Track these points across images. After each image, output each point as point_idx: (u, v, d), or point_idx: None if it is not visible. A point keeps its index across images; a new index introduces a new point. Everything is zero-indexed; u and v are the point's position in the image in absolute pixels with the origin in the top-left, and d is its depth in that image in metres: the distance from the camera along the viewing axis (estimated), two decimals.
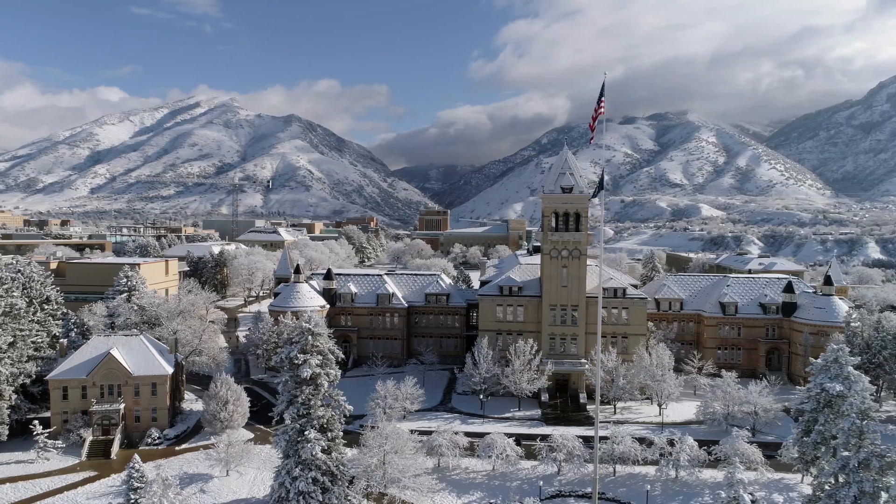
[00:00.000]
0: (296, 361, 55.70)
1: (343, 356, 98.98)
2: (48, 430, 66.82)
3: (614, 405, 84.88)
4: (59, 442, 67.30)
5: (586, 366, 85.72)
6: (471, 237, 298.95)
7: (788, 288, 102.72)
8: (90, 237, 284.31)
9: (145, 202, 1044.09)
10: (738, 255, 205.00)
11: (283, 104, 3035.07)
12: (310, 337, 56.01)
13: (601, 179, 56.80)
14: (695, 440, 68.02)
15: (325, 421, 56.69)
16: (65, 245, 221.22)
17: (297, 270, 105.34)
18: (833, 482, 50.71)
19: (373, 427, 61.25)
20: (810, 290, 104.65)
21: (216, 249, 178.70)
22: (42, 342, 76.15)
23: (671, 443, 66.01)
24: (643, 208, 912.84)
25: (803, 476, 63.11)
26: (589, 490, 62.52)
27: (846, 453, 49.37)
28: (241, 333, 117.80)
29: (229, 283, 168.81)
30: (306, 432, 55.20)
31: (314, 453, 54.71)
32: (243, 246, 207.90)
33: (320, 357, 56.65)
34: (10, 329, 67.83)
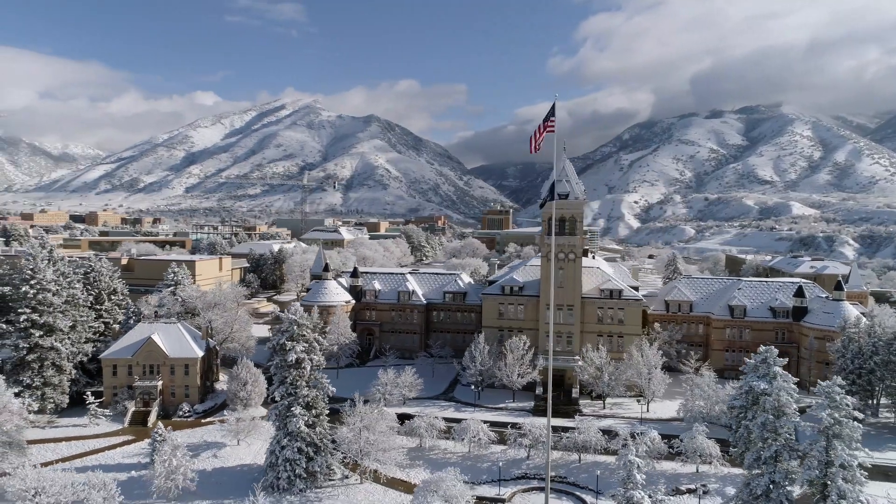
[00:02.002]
0: (285, 347, 65.36)
1: (359, 347, 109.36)
2: (99, 401, 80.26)
3: (604, 400, 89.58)
4: (108, 411, 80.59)
5: (579, 362, 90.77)
6: (526, 236, 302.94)
7: (799, 292, 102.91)
8: (175, 234, 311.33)
9: (234, 200, 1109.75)
10: (793, 257, 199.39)
11: (365, 105, 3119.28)
12: (296, 327, 65.38)
13: (551, 188, 62.28)
14: (672, 435, 72.50)
15: (310, 399, 65.99)
16: (150, 242, 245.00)
17: (326, 269, 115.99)
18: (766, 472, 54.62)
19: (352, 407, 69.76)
20: (824, 296, 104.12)
21: (276, 248, 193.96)
22: (99, 327, 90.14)
23: (633, 435, 70.69)
24: (728, 206, 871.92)
25: None
26: (552, 474, 68.41)
27: (761, 446, 53.31)
28: None
29: (285, 279, 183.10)
30: (293, 408, 64.71)
31: (299, 427, 64.12)
32: (303, 244, 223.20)
33: (306, 344, 65.95)
34: (71, 315, 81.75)
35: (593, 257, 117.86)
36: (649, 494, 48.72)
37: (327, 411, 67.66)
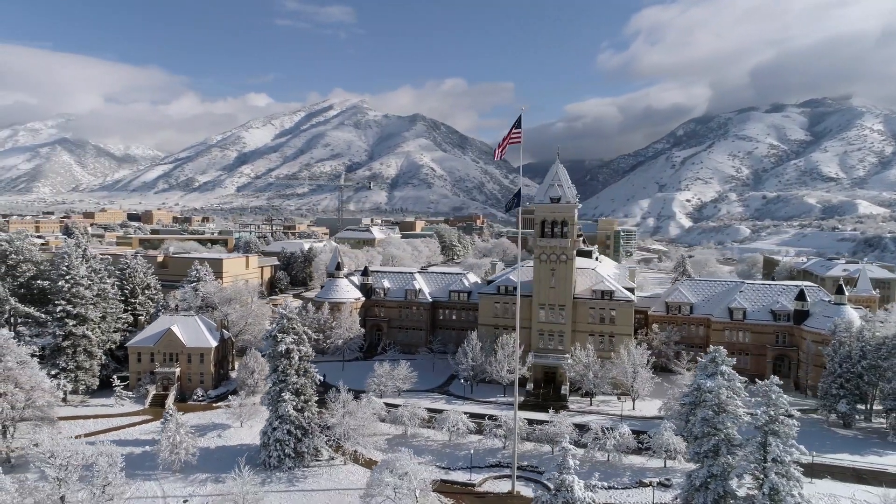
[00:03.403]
0: (276, 338, 71.92)
1: (366, 342, 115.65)
2: (125, 384, 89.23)
3: (591, 398, 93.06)
4: (132, 393, 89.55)
5: (569, 360, 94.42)
6: None
7: (800, 296, 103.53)
8: (220, 233, 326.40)
9: (283, 199, 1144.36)
10: (828, 259, 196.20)
11: (411, 104, 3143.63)
12: (286, 321, 71.89)
13: (517, 193, 66.60)
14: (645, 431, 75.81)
15: (299, 386, 72.33)
16: (195, 240, 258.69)
17: (338, 267, 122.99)
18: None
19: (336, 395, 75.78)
20: (827, 299, 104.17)
21: (306, 247, 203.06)
22: (128, 318, 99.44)
23: (604, 430, 74.25)
24: (788, 205, 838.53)
25: None
26: (525, 463, 72.99)
27: (701, 440, 56.47)
28: None
29: (313, 277, 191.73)
30: (283, 394, 71.21)
31: (288, 411, 70.59)
32: (333, 243, 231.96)
33: (295, 336, 72.35)
34: (102, 307, 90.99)
35: (597, 258, 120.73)
36: (587, 481, 52.83)
37: (316, 398, 73.92)
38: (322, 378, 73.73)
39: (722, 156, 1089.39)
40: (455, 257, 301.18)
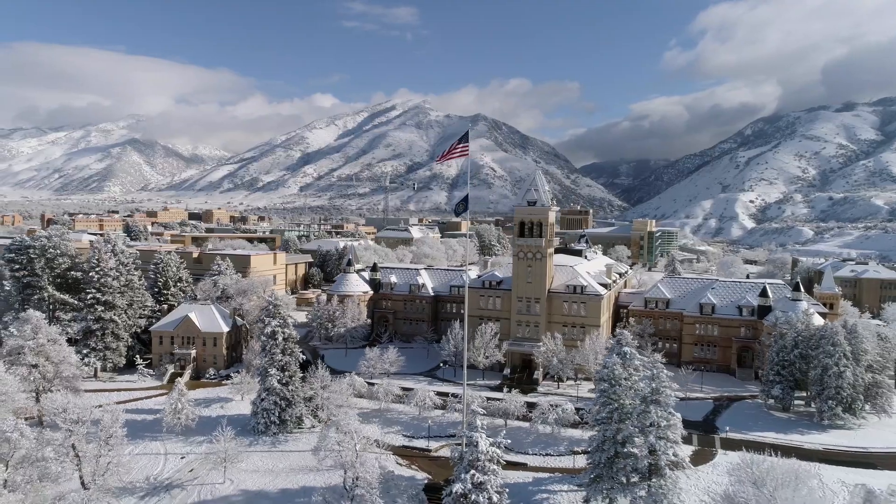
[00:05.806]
0: (264, 322, 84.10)
1: (371, 331, 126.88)
2: (147, 362, 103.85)
3: (558, 382, 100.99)
4: (153, 371, 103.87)
5: (542, 348, 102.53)
6: (592, 237, 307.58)
7: (763, 292, 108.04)
8: (271, 231, 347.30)
9: (344, 199, 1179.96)
10: (840, 261, 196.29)
11: (473, 104, 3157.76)
12: (272, 307, 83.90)
13: (465, 199, 75.79)
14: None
15: (284, 363, 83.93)
16: (244, 238, 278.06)
17: (350, 264, 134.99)
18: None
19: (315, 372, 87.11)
20: (789, 296, 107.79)
21: (341, 245, 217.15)
22: (155, 306, 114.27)
23: (551, 407, 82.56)
24: (855, 206, 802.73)
25: None
26: None
27: (598, 409, 64.45)
28: None
29: None
30: (269, 370, 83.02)
31: (273, 384, 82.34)
32: (371, 242, 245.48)
33: (281, 320, 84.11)
34: (128, 296, 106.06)
35: (586, 257, 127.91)
36: (494, 439, 61.66)
37: (301, 374, 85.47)
38: (304, 357, 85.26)
39: (788, 156, 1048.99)
40: (494, 256, 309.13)
